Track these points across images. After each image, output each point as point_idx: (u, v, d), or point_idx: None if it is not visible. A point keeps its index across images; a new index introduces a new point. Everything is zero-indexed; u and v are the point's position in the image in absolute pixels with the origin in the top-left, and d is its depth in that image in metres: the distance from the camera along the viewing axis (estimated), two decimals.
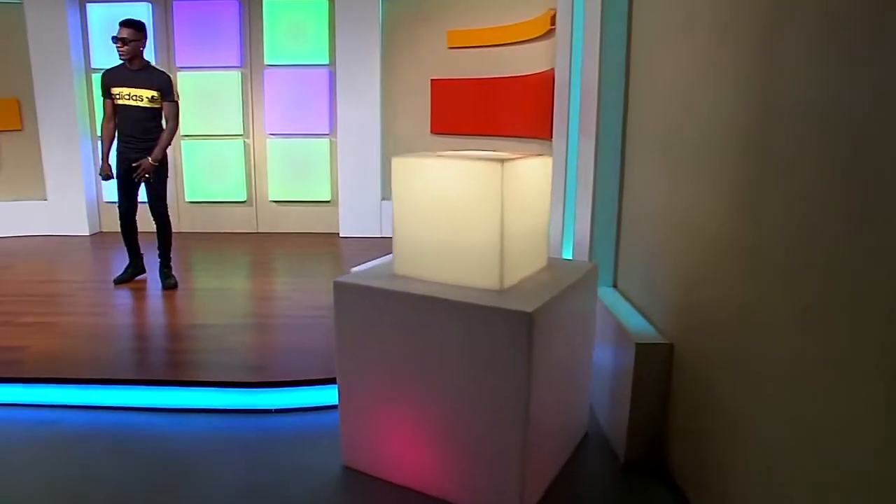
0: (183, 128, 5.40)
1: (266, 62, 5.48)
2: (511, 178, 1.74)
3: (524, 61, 4.58)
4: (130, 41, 3.57)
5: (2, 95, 5.44)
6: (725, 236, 1.60)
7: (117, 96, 3.65)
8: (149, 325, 3.30)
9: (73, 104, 5.42)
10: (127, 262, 3.99)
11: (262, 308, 3.58)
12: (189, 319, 3.35)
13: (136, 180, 3.67)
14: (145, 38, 3.66)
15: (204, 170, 5.60)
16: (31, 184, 5.63)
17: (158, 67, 3.81)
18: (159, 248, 3.88)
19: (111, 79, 3.67)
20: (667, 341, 1.98)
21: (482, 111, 5.07)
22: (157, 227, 3.84)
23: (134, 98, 3.63)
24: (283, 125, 5.57)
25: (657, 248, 2.13)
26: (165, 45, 5.49)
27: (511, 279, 1.82)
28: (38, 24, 5.26)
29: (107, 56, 5.42)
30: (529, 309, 1.62)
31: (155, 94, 3.65)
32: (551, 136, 4.03)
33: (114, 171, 3.75)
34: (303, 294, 3.78)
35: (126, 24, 3.61)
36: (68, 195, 5.56)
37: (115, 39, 3.58)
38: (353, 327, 1.90)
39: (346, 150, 5.43)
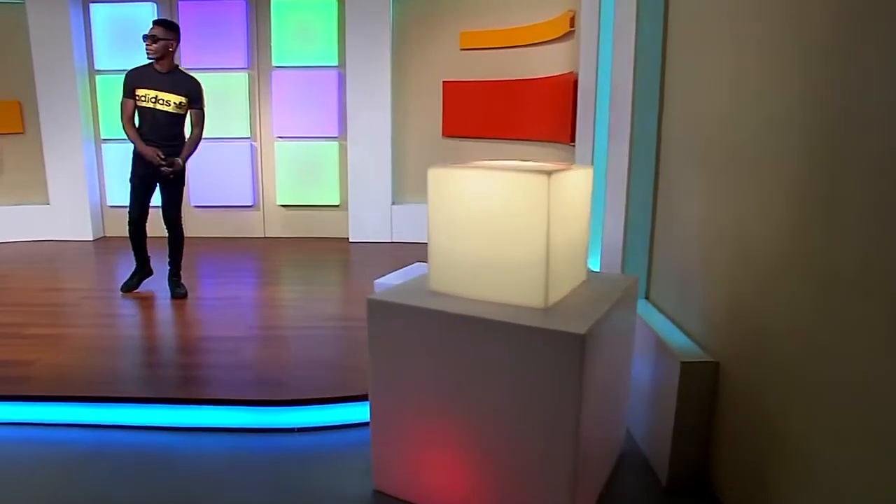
0: None
1: (274, 63, 5.39)
2: (557, 190, 1.67)
3: (541, 63, 4.51)
4: (160, 40, 3.45)
5: (3, 98, 5.35)
6: (788, 250, 1.53)
7: (142, 98, 3.51)
8: (159, 338, 3.21)
9: (76, 106, 5.32)
10: (133, 267, 3.90)
11: (275, 319, 3.49)
12: (201, 331, 3.26)
13: (162, 172, 3.52)
14: (177, 39, 3.55)
15: (210, 174, 5.50)
16: (33, 188, 5.53)
17: (188, 72, 3.68)
18: (170, 256, 3.80)
19: (138, 79, 3.52)
20: (712, 359, 1.91)
21: (496, 114, 4.99)
22: (170, 236, 3.75)
23: (161, 102, 3.52)
24: (292, 128, 5.48)
25: (697, 260, 2.06)
26: None
27: (555, 296, 1.75)
28: (41, 24, 5.17)
29: (110, 57, 5.35)
30: (581, 330, 1.55)
31: (183, 100, 3.55)
32: (572, 141, 3.96)
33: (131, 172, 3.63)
34: (317, 303, 3.70)
35: (158, 22, 3.53)
36: (71, 199, 5.46)
37: (145, 38, 3.47)
38: (388, 346, 1.83)
39: (355, 154, 5.35)
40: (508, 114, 4.91)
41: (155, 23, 3.53)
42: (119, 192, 5.62)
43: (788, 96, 1.53)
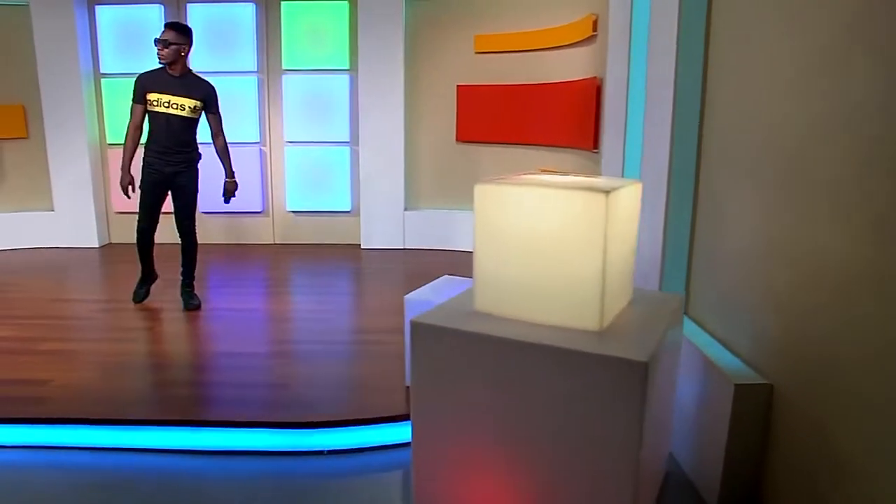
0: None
1: (284, 67, 5.31)
2: (613, 208, 1.60)
3: (560, 67, 4.45)
4: (172, 44, 3.37)
5: (6, 102, 5.26)
6: (861, 267, 1.46)
7: (154, 103, 3.42)
8: (177, 354, 3.12)
9: (81, 110, 5.24)
10: (139, 277, 3.84)
11: (294, 332, 3.41)
12: (219, 346, 3.18)
13: (227, 202, 3.66)
14: (190, 43, 3.48)
15: (218, 179, 5.40)
16: (38, 194, 5.44)
17: (201, 76, 3.60)
18: (183, 266, 3.73)
19: (149, 83, 3.43)
20: (766, 381, 1.85)
21: (512, 119, 4.93)
22: (184, 245, 3.68)
23: (174, 107, 3.43)
24: (302, 132, 5.41)
25: (746, 275, 2.00)
26: None
27: (608, 317, 1.68)
28: (45, 26, 5.08)
29: (117, 60, 5.26)
30: (644, 357, 1.48)
31: (198, 104, 3.47)
32: (595, 147, 3.90)
33: (136, 183, 3.56)
34: (335, 315, 3.63)
35: (170, 26, 3.44)
36: (77, 206, 5.38)
37: (156, 41, 3.39)
38: (433, 370, 1.75)
39: (368, 159, 5.28)
40: (525, 119, 4.84)
41: (167, 26, 3.45)
42: (125, 199, 5.52)
43: (860, 97, 1.46)
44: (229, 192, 3.69)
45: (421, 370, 1.78)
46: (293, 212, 5.57)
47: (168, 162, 3.49)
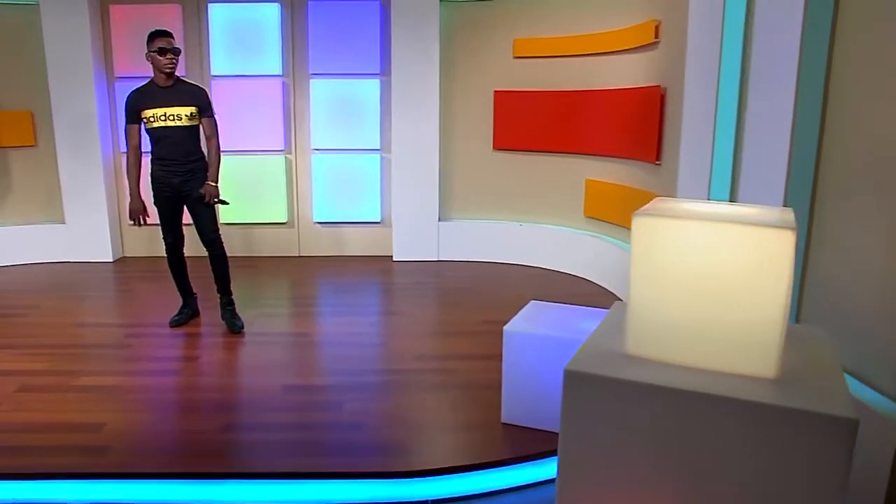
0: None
1: (311, 71, 5.12)
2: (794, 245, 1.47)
3: (612, 74, 4.32)
4: (179, 52, 3.29)
5: (13, 107, 4.99)
6: None
7: (150, 119, 3.30)
8: (233, 389, 2.90)
9: (93, 116, 4.99)
10: (177, 299, 3.67)
11: (352, 360, 3.18)
12: (275, 379, 2.95)
13: (210, 204, 3.40)
14: None
15: (241, 189, 5.19)
16: (47, 206, 5.18)
17: (190, 80, 3.50)
18: (218, 283, 3.55)
19: (141, 101, 3.31)
20: None
21: (555, 126, 4.79)
22: (212, 258, 3.51)
23: (171, 118, 3.30)
24: (330, 139, 5.21)
25: (882, 302, 1.88)
26: (198, 53, 5.09)
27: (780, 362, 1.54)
28: (56, 27, 4.83)
29: (131, 63, 5.02)
30: (851, 413, 1.35)
31: (193, 110, 3.34)
32: (657, 160, 3.77)
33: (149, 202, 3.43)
34: (390, 338, 3.46)
35: (166, 33, 3.29)
36: (89, 218, 5.13)
37: (163, 51, 3.21)
38: (588, 423, 1.60)
39: (401, 167, 5.11)
40: (570, 126, 4.71)
41: (164, 34, 3.28)
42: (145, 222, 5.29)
43: None
44: (210, 195, 3.38)
45: (573, 422, 1.62)
46: (320, 223, 5.37)
47: (174, 173, 3.38)
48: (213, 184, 3.40)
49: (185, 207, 3.48)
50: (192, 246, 3.64)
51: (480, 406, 2.64)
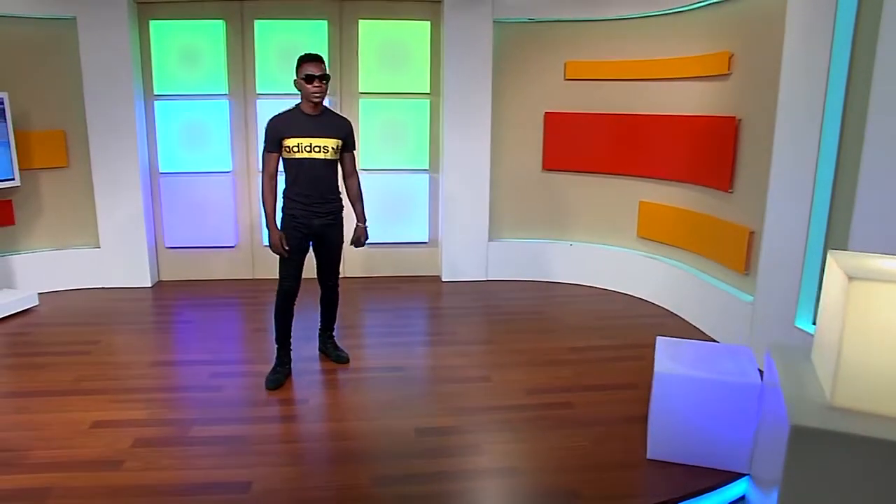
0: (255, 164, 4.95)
1: (360, 90, 5.09)
2: None
3: (669, 100, 4.49)
4: (328, 79, 3.12)
5: (45, 127, 4.76)
6: None
7: (293, 149, 3.11)
8: (369, 434, 2.80)
9: (132, 135, 4.82)
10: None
11: (470, 396, 3.16)
12: (402, 420, 2.91)
13: (358, 246, 3.46)
14: None
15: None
16: (80, 229, 4.98)
17: (335, 111, 3.35)
18: (327, 320, 3.58)
19: (286, 128, 3.12)
20: None
21: (607, 148, 4.93)
22: (329, 298, 3.51)
23: (317, 150, 3.13)
24: (378, 160, 5.20)
25: None
26: (241, 70, 4.98)
27: None
28: (94, 42, 4.64)
29: (170, 81, 4.87)
30: None
31: (339, 143, 3.20)
32: (729, 188, 3.96)
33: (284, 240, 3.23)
34: (490, 370, 3.50)
35: (317, 57, 3.09)
36: (127, 241, 4.95)
37: (310, 78, 3.04)
38: (813, 478, 1.73)
39: (451, 187, 5.15)
40: (622, 149, 4.86)
41: (315, 58, 3.09)
42: (178, 232, 5.16)
43: None
44: (360, 239, 3.43)
45: (798, 476, 1.74)
46: (368, 244, 5.33)
47: (315, 213, 3.22)
48: (363, 225, 3.36)
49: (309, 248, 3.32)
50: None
51: (618, 441, 2.74)
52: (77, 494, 2.36)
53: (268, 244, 3.36)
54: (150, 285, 5.05)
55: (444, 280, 5.29)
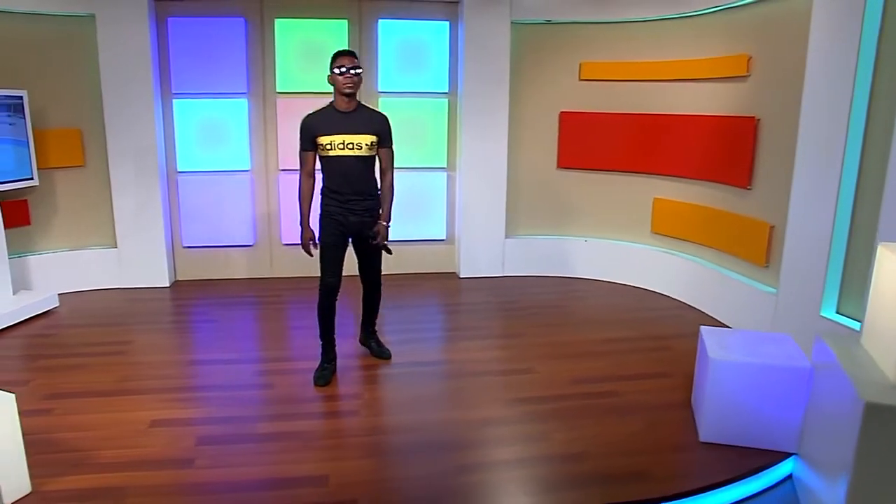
0: (274, 163, 4.96)
1: (379, 89, 5.14)
2: None
3: (683, 100, 4.66)
4: (361, 72, 3.10)
5: (61, 125, 4.69)
6: None
7: (326, 147, 3.12)
8: (438, 425, 2.88)
9: (151, 134, 4.78)
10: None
11: (521, 387, 3.26)
12: (457, 412, 2.99)
13: (380, 246, 3.33)
14: None
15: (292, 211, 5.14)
16: (97, 229, 4.92)
17: (371, 106, 3.35)
18: (369, 315, 3.64)
19: (319, 126, 3.13)
20: None
21: (621, 146, 5.09)
22: (372, 296, 3.57)
23: (350, 146, 3.13)
24: (399, 158, 5.23)
25: None
26: (261, 68, 4.98)
27: None
28: (112, 40, 4.59)
29: (189, 79, 4.84)
30: None
31: (374, 139, 3.18)
32: (748, 185, 4.14)
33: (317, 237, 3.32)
34: (539, 363, 3.58)
35: (352, 53, 3.13)
36: (145, 241, 4.91)
37: (346, 71, 3.04)
38: (886, 453, 1.87)
39: (469, 185, 5.24)
40: (637, 147, 5.02)
41: (350, 53, 3.14)
42: (195, 231, 5.13)
43: None
44: (383, 236, 3.30)
45: (871, 454, 1.89)
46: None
47: (352, 211, 3.24)
48: (386, 224, 3.29)
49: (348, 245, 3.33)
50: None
51: (668, 426, 2.88)
52: (155, 492, 2.38)
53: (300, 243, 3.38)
54: (167, 285, 5.02)
55: (461, 276, 5.38)
